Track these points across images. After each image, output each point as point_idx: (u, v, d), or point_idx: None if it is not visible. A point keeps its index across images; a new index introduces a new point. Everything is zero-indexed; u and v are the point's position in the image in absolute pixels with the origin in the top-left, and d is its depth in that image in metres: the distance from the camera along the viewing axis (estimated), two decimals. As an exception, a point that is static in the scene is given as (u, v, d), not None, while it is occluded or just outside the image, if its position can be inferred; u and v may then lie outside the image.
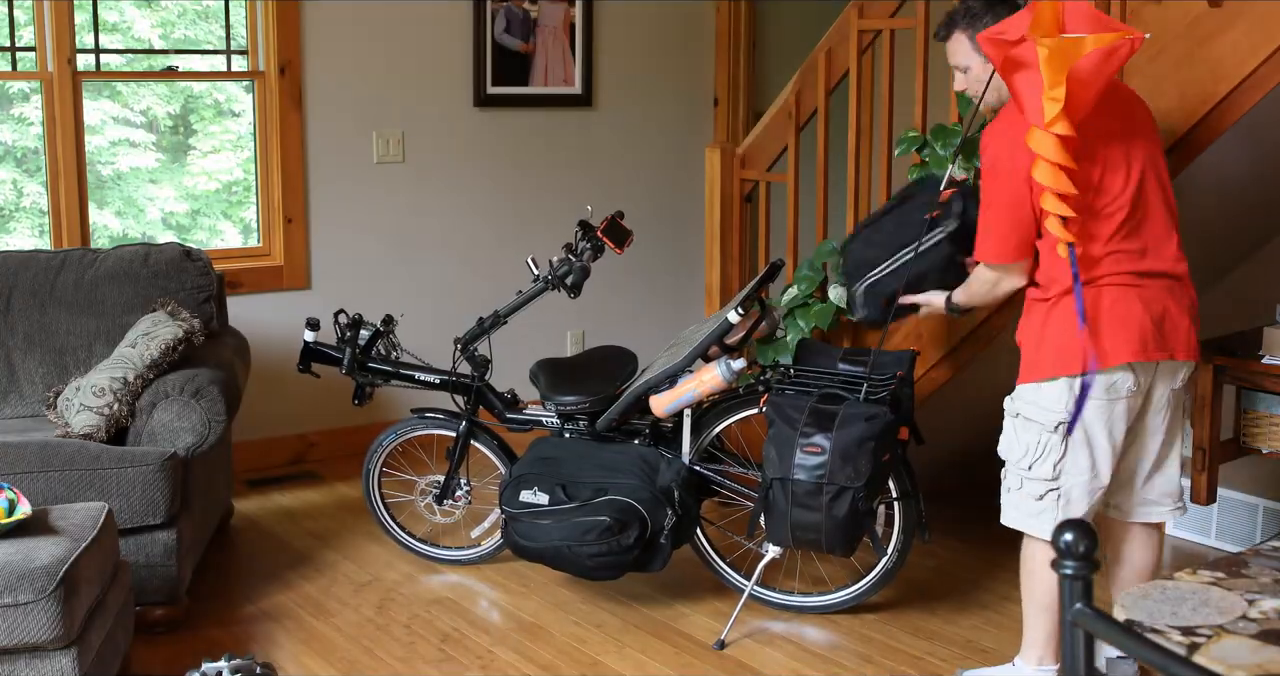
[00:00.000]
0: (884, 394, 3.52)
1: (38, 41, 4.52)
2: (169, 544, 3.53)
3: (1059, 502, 3.02)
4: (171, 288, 4.15)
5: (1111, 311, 2.94)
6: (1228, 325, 4.12)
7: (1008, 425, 3.10)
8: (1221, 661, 1.72)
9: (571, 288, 3.90)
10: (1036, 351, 3.01)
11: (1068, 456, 2.99)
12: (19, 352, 4.08)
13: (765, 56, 6.15)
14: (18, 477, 3.37)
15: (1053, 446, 3.00)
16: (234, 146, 5.06)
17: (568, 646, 3.56)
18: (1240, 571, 2.08)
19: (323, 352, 4.00)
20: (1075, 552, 1.62)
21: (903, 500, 3.58)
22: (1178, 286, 3.03)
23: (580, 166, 5.64)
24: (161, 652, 3.47)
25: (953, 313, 3.37)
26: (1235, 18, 3.18)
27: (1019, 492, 3.08)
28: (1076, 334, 2.89)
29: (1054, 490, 3.02)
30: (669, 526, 3.58)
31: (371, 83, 5.10)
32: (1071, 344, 2.92)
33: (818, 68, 4.33)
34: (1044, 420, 2.99)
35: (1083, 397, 2.91)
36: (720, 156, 4.68)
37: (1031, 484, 3.05)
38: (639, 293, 5.84)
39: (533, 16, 5.40)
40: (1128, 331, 2.93)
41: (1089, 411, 2.95)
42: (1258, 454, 3.69)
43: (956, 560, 4.21)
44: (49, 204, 4.59)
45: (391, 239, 5.23)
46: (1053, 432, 2.99)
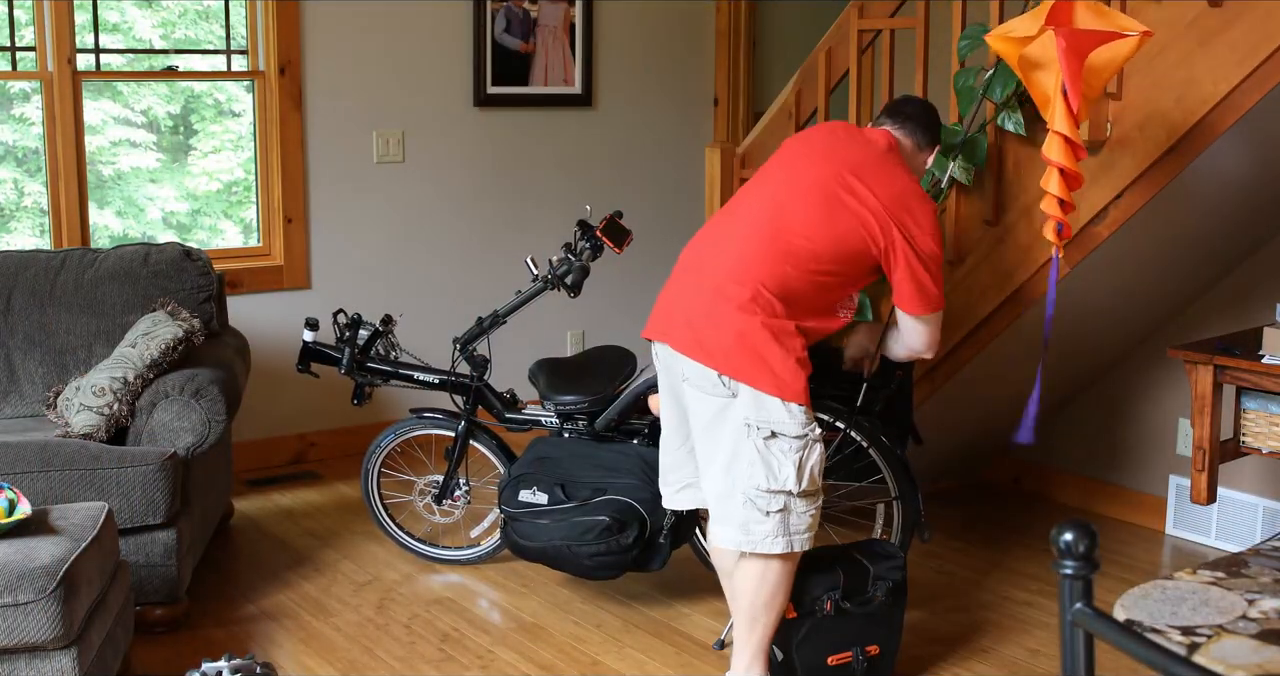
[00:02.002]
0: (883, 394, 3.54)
1: (38, 41, 4.52)
2: (169, 544, 3.53)
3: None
4: (171, 288, 4.15)
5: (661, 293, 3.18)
6: (1228, 325, 4.13)
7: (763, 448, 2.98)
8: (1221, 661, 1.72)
9: (571, 287, 3.90)
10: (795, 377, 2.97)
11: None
12: (19, 353, 4.08)
13: (765, 56, 6.15)
14: (18, 477, 3.37)
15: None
16: (234, 146, 5.06)
17: (568, 646, 3.56)
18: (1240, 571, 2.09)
19: (322, 352, 4.00)
20: (1075, 552, 1.62)
21: (903, 500, 3.58)
22: (720, 301, 2.99)
23: (580, 166, 5.64)
24: (161, 652, 3.47)
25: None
26: (1235, 18, 3.18)
27: (752, 510, 3.00)
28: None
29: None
30: (668, 526, 3.58)
31: (371, 83, 5.10)
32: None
33: (818, 68, 4.33)
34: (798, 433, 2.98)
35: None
36: (720, 156, 4.68)
37: (767, 499, 2.99)
38: (639, 293, 5.83)
39: (533, 16, 5.40)
40: (653, 311, 3.16)
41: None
42: (1258, 454, 3.69)
43: (956, 560, 4.21)
44: (49, 204, 4.59)
45: (391, 239, 5.23)
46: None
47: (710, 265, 3.07)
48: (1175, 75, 3.31)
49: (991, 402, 4.47)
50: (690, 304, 3.06)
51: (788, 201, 3.08)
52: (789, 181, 3.13)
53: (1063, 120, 3.07)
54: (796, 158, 3.20)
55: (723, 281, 3.00)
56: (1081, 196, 3.50)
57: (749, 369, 2.93)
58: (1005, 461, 4.94)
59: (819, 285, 3.05)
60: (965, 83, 3.77)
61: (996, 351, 3.97)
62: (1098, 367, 4.52)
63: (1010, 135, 3.72)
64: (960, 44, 3.78)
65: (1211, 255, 4.09)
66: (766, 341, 2.93)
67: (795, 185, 3.10)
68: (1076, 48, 3.01)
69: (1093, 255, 3.60)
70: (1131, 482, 4.56)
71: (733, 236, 3.09)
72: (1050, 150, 3.13)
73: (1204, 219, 3.87)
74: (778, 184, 3.15)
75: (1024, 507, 4.72)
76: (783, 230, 3.03)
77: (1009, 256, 3.77)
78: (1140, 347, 4.46)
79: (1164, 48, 3.32)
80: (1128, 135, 3.43)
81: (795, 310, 3.00)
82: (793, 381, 2.93)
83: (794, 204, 3.07)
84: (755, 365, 2.93)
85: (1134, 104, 3.41)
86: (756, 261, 3.00)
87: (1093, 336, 4.23)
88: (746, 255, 3.02)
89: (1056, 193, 3.19)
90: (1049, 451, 4.78)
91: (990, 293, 3.83)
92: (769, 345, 2.93)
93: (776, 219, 3.05)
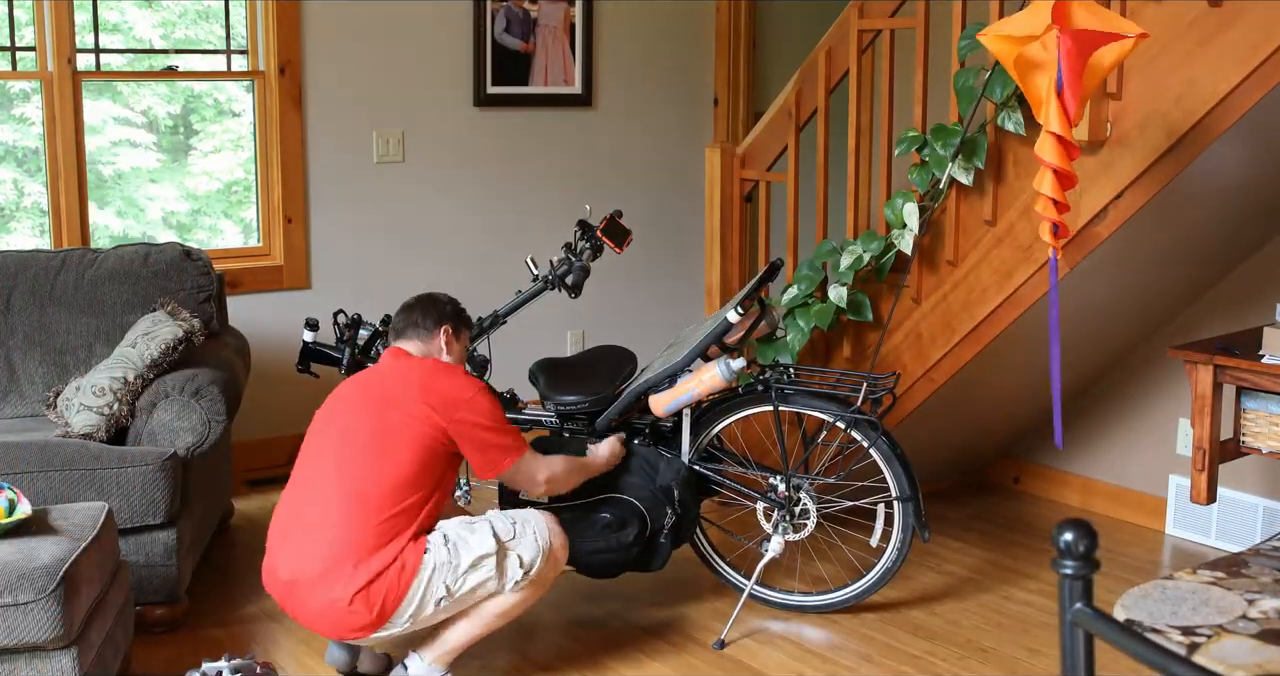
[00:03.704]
0: (881, 394, 3.54)
1: (38, 41, 4.52)
2: (169, 544, 3.53)
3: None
4: (171, 287, 4.15)
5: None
6: (1228, 325, 4.13)
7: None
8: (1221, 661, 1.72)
9: (572, 288, 3.90)
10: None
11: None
12: (19, 352, 4.08)
13: (765, 56, 6.15)
14: (18, 477, 3.37)
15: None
16: (234, 146, 5.06)
17: (568, 646, 3.56)
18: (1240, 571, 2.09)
19: (322, 353, 4.00)
20: (1075, 552, 1.62)
21: (903, 500, 3.58)
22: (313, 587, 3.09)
23: (580, 166, 5.64)
24: (161, 652, 3.47)
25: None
26: (1235, 18, 3.18)
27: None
28: None
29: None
30: (669, 525, 3.58)
31: (371, 83, 5.10)
32: None
33: (818, 67, 4.33)
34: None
35: None
36: (720, 156, 4.69)
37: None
38: (639, 293, 5.84)
39: (533, 16, 5.40)
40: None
41: None
42: (1258, 454, 3.69)
43: (956, 560, 4.21)
44: (49, 204, 4.59)
45: (391, 239, 5.23)
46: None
47: None
48: (1175, 75, 3.31)
49: (991, 403, 4.47)
50: None
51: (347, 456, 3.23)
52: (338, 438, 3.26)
53: (1056, 120, 3.07)
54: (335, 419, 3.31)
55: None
56: (1081, 197, 3.50)
57: None
58: (1005, 461, 4.94)
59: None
60: (965, 83, 3.77)
61: (996, 351, 3.97)
62: (1098, 368, 4.52)
63: (1010, 135, 3.72)
64: (960, 44, 3.78)
65: (1211, 255, 4.09)
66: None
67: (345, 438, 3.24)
68: (1081, 48, 3.01)
69: (1093, 255, 3.60)
70: (1131, 482, 4.56)
71: None
72: (1043, 150, 3.13)
73: (1204, 219, 3.87)
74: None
75: (1024, 507, 4.73)
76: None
77: (1009, 256, 3.77)
78: (1140, 347, 4.46)
79: (1164, 48, 3.32)
80: (1127, 135, 3.43)
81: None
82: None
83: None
84: None
85: (1134, 104, 3.41)
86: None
87: (1093, 336, 4.23)
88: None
89: (1050, 193, 3.19)
90: (1049, 451, 4.78)
91: (990, 293, 3.83)
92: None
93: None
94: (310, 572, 3.07)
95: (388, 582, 3.03)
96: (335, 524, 3.08)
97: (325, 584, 3.04)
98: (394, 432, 3.14)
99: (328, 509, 3.11)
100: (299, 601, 3.10)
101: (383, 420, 3.17)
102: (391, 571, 3.04)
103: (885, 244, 4.00)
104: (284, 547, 3.17)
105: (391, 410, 3.17)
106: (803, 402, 3.65)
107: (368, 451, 3.14)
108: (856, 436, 3.60)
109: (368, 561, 3.04)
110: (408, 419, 3.15)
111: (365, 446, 3.15)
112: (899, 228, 3.93)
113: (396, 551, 3.06)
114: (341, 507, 3.09)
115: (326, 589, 3.04)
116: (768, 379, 3.67)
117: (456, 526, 3.16)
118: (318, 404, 3.36)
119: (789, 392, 3.65)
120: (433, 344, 3.38)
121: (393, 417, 3.16)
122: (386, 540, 3.06)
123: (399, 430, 3.14)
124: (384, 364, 3.34)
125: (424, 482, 3.15)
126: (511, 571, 3.14)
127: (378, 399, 3.22)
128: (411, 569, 3.05)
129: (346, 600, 3.02)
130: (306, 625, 3.15)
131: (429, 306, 3.42)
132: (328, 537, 3.07)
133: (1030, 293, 3.74)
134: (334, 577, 3.04)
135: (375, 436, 3.15)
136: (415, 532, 3.11)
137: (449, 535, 3.12)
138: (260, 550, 4.20)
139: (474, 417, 3.19)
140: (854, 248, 4.06)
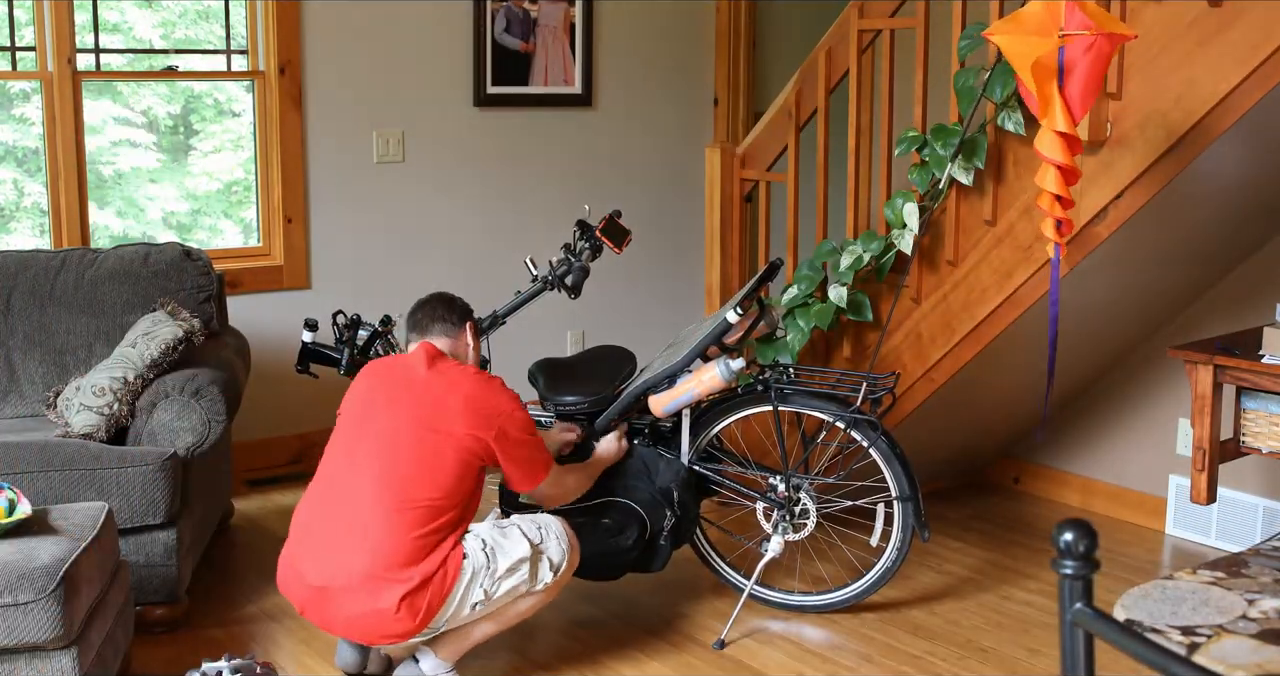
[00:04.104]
0: (881, 393, 3.54)
1: (38, 41, 4.52)
2: (169, 544, 3.53)
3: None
4: (171, 287, 4.15)
5: None
6: (1228, 325, 4.13)
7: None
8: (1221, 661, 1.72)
9: (571, 288, 3.90)
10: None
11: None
12: (19, 352, 4.08)
13: (765, 56, 6.15)
14: (18, 477, 3.37)
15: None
16: (234, 146, 5.06)
17: (568, 646, 3.56)
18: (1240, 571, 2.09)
19: (321, 353, 3.99)
20: (1075, 552, 1.62)
21: (902, 500, 3.58)
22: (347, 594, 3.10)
23: (580, 166, 5.64)
24: (161, 652, 3.47)
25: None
26: (1235, 18, 3.18)
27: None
28: None
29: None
30: (668, 527, 3.58)
31: (371, 83, 5.10)
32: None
33: (818, 67, 4.33)
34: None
35: None
36: (720, 156, 4.68)
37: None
38: (639, 293, 5.84)
39: (533, 16, 5.40)
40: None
41: None
42: (1258, 454, 3.69)
43: (956, 560, 4.21)
44: (49, 204, 4.59)
45: (391, 239, 5.23)
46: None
47: None
48: (1175, 75, 3.31)
49: (991, 403, 4.47)
50: None
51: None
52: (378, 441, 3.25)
53: (1062, 118, 3.07)
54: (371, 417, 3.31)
55: None
56: (1081, 196, 3.50)
57: None
58: (1005, 461, 4.94)
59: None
60: (965, 83, 3.77)
61: (996, 351, 3.97)
62: (1098, 367, 4.52)
63: (1010, 135, 3.72)
64: (960, 44, 3.78)
65: (1211, 255, 4.09)
66: None
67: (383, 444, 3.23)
68: (1101, 51, 3.02)
69: (1093, 255, 3.60)
70: (1131, 482, 4.56)
71: None
72: (1045, 147, 3.13)
73: (1204, 219, 3.87)
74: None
75: (1024, 507, 4.73)
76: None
77: (1009, 256, 3.77)
78: (1140, 347, 4.46)
79: (1164, 48, 3.32)
80: (1128, 135, 3.43)
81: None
82: None
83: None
84: None
85: (1134, 104, 3.41)
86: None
87: (1093, 336, 4.23)
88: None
89: (1054, 189, 3.19)
90: (1049, 451, 4.78)
91: (990, 293, 3.83)
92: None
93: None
94: (346, 581, 3.05)
95: (431, 590, 3.04)
96: (377, 534, 3.06)
97: (366, 592, 3.03)
98: (442, 452, 3.13)
99: (367, 518, 3.08)
100: (329, 607, 3.09)
101: (429, 435, 3.14)
102: (435, 579, 3.04)
103: (885, 244, 4.00)
104: (313, 552, 3.14)
105: (438, 426, 3.14)
106: (802, 402, 3.65)
107: (413, 466, 3.12)
108: (856, 436, 3.60)
109: (411, 570, 3.03)
110: (454, 438, 3.14)
111: (411, 460, 3.12)
112: (899, 228, 3.93)
113: (440, 560, 3.06)
114: (383, 519, 3.07)
115: (368, 597, 3.03)
116: (767, 379, 3.67)
117: (490, 531, 3.17)
118: (318, 404, 3.36)
119: (789, 392, 3.65)
120: (460, 340, 3.38)
121: (440, 435, 3.14)
122: (430, 550, 3.07)
123: (446, 450, 3.13)
124: (418, 361, 3.26)
125: (462, 492, 3.16)
126: (543, 574, 3.18)
127: (419, 405, 3.18)
128: (453, 575, 3.06)
129: (393, 608, 3.02)
130: (329, 630, 3.15)
131: (450, 302, 3.42)
132: (369, 546, 3.05)
133: (1030, 292, 3.74)
134: (377, 586, 3.03)
135: (423, 453, 3.13)
136: (455, 541, 3.11)
137: (486, 540, 3.13)
138: (260, 550, 4.22)
139: (517, 434, 3.21)
140: (854, 248, 4.06)
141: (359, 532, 3.07)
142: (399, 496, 3.08)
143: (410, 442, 3.14)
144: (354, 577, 3.04)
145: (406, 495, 3.09)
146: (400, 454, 3.13)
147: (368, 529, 3.07)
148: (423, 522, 3.07)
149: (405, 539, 3.05)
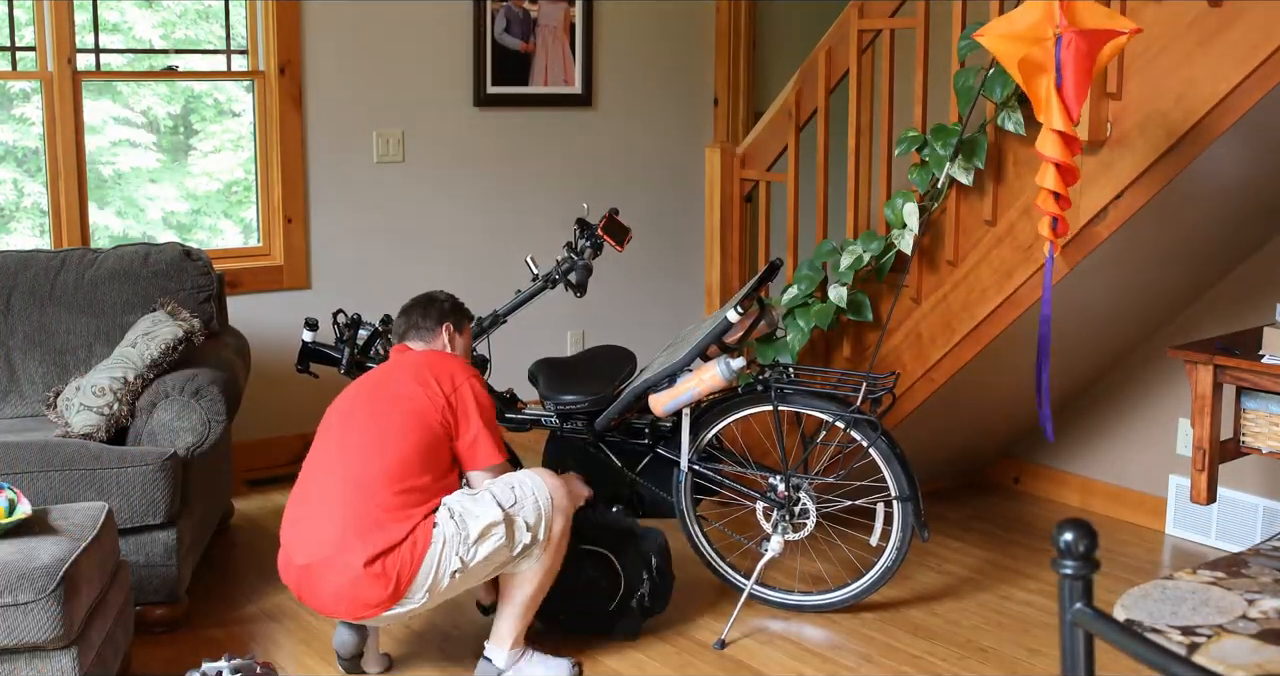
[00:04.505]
0: (881, 393, 3.54)
1: (38, 41, 4.52)
2: (169, 544, 3.53)
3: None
4: (171, 287, 4.15)
5: None
6: (1228, 325, 4.13)
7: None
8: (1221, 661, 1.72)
9: (577, 286, 3.90)
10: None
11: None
12: (19, 352, 4.07)
13: (765, 56, 6.15)
14: (18, 477, 3.37)
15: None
16: (234, 146, 5.06)
17: (568, 646, 3.56)
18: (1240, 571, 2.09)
19: (321, 353, 3.99)
20: (1075, 552, 1.62)
21: (902, 500, 3.58)
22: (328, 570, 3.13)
23: (580, 166, 5.64)
24: (161, 652, 3.47)
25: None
26: (1235, 18, 3.18)
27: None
28: None
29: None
30: (645, 592, 3.57)
31: (371, 83, 5.10)
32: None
33: (818, 67, 4.33)
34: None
35: None
36: (720, 156, 4.68)
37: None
38: (639, 292, 5.84)
39: (533, 16, 5.40)
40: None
41: None
42: (1258, 454, 3.69)
43: (956, 559, 4.21)
44: (49, 204, 4.59)
45: (391, 239, 5.23)
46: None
47: None
48: (1175, 75, 3.31)
49: (991, 403, 4.47)
50: None
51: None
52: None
53: (1059, 117, 3.07)
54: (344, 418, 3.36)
55: None
56: (1081, 196, 3.50)
57: None
58: (1005, 461, 4.94)
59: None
60: (965, 83, 3.77)
61: (996, 351, 3.97)
62: (1098, 368, 4.52)
63: (1010, 135, 3.72)
64: (960, 44, 3.77)
65: (1211, 255, 4.09)
66: None
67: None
68: (1091, 48, 3.02)
69: (1093, 255, 3.60)
70: (1131, 482, 4.56)
71: None
72: (1044, 145, 3.13)
73: (1204, 219, 3.87)
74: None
75: (1024, 507, 4.73)
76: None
77: (1009, 256, 3.77)
78: (1140, 347, 4.46)
79: (1164, 48, 3.32)
80: (1128, 135, 3.43)
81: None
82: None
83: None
84: None
85: (1134, 104, 3.41)
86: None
87: (1093, 336, 4.23)
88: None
89: (1052, 187, 3.20)
90: (1049, 451, 4.78)
91: (990, 293, 3.83)
92: None
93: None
94: (323, 553, 3.11)
95: (401, 557, 3.07)
96: (343, 504, 3.13)
97: (339, 559, 3.08)
98: (391, 412, 3.21)
99: (334, 493, 3.16)
100: (315, 584, 3.14)
101: (381, 403, 3.25)
102: (405, 546, 3.08)
103: (885, 244, 4.00)
104: (296, 537, 3.21)
105: (396, 392, 3.24)
106: (802, 402, 3.65)
107: (366, 432, 3.20)
108: (856, 436, 3.60)
109: (377, 533, 3.08)
110: (405, 395, 3.22)
111: (364, 427, 3.22)
112: (899, 228, 3.93)
113: (409, 527, 3.10)
114: (350, 491, 3.14)
115: (341, 567, 3.08)
116: (767, 379, 3.67)
117: (459, 498, 3.20)
118: (318, 404, 3.37)
119: (788, 392, 3.65)
120: (436, 342, 3.47)
121: (389, 397, 3.24)
122: (396, 515, 3.10)
123: (396, 408, 3.21)
124: (390, 361, 3.42)
125: (432, 463, 3.19)
126: (520, 535, 3.19)
127: (378, 386, 3.31)
128: (424, 544, 3.09)
129: (360, 568, 3.05)
130: (321, 610, 3.18)
131: (427, 306, 3.50)
132: (339, 515, 3.12)
133: (1030, 293, 3.74)
134: (346, 551, 3.08)
135: (374, 416, 3.22)
136: (428, 511, 3.14)
137: (454, 508, 3.16)
138: (261, 550, 4.22)
139: (473, 396, 3.26)
140: (854, 248, 4.06)
141: (329, 507, 3.15)
142: (361, 466, 3.16)
143: (367, 415, 3.24)
144: (327, 549, 3.10)
145: (368, 464, 3.16)
146: (361, 427, 3.22)
147: (335, 502, 3.15)
148: (386, 486, 3.12)
149: (369, 505, 3.11)
